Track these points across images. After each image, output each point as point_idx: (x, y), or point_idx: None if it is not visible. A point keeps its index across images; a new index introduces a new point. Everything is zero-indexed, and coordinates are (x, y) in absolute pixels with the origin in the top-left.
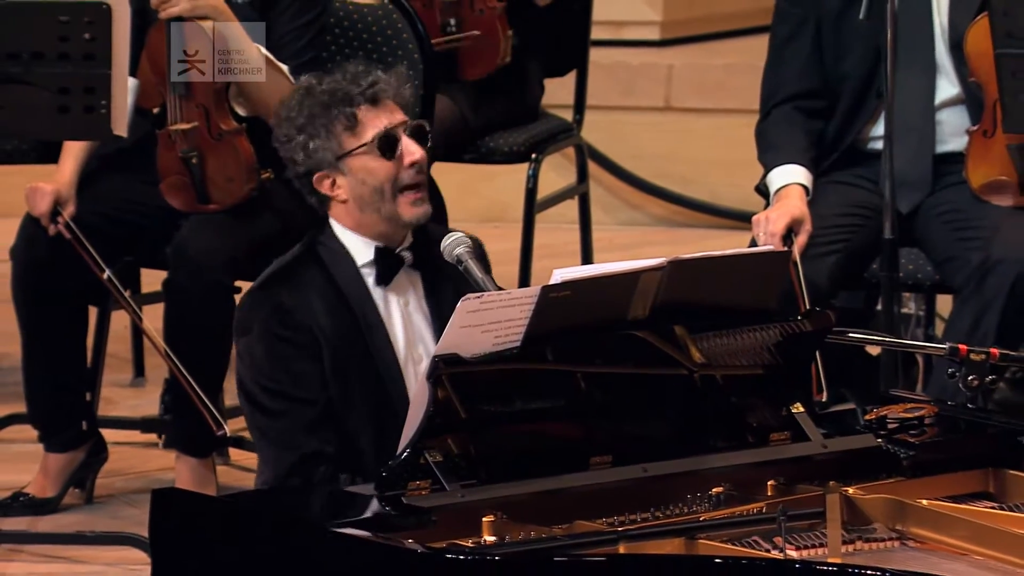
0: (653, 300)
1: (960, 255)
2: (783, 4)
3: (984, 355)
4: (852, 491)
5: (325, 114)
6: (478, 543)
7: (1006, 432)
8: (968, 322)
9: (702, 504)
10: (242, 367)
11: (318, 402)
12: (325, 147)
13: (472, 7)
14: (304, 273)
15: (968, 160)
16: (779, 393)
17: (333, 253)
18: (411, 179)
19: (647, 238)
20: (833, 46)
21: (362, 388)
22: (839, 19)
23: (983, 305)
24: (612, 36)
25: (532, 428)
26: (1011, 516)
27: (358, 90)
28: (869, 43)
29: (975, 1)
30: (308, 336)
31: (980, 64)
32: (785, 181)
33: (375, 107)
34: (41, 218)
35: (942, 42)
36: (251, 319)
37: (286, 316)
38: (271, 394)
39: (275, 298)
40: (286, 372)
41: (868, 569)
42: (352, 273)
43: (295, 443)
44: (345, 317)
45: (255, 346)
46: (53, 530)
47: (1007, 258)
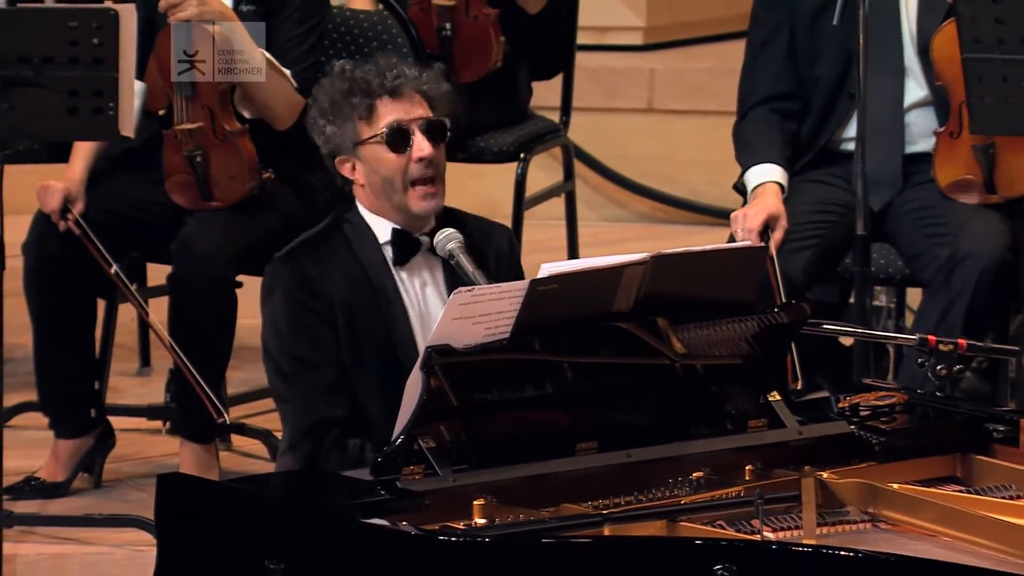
0: (636, 293)
1: (929, 250)
2: (759, 11)
3: (952, 346)
4: (826, 475)
5: (346, 101)
6: (469, 525)
7: (973, 419)
8: (937, 314)
9: (683, 488)
10: (265, 331)
11: (334, 368)
12: (343, 133)
13: (467, 13)
14: (329, 245)
15: (935, 160)
16: (756, 382)
17: (357, 229)
18: (419, 173)
19: (630, 234)
20: (807, 51)
21: (375, 357)
22: (812, 25)
23: (951, 298)
24: (597, 41)
25: (521, 416)
26: (977, 499)
27: (379, 81)
28: (841, 48)
29: (942, 8)
30: (328, 305)
31: (946, 68)
32: (762, 179)
33: (394, 99)
34: (52, 215)
35: (911, 46)
36: (276, 285)
37: (309, 284)
38: (290, 358)
39: (299, 267)
40: (306, 338)
41: (841, 550)
42: (373, 249)
43: (311, 406)
44: (364, 290)
45: (278, 311)
46: (63, 513)
47: (973, 253)
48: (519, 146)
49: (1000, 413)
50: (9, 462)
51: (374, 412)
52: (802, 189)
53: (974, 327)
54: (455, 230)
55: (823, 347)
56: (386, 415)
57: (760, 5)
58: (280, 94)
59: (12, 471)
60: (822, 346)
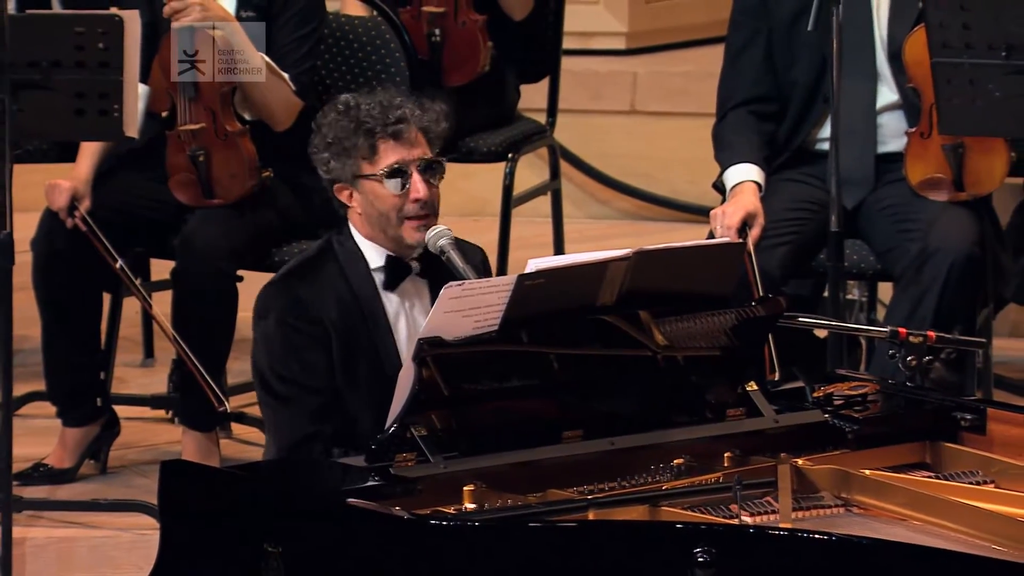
0: (620, 287)
1: (899, 246)
2: (738, 16)
3: (922, 338)
4: (801, 462)
5: (350, 138)
6: (459, 510)
7: (941, 408)
8: (907, 307)
9: (664, 474)
10: (257, 352)
11: (323, 391)
12: (345, 166)
13: (455, 20)
14: (321, 269)
15: (907, 159)
16: (735, 372)
17: (349, 253)
18: (415, 212)
19: (614, 231)
20: (783, 55)
21: (365, 377)
22: (789, 30)
23: (921, 292)
24: (581, 46)
25: (509, 405)
26: (946, 485)
27: (383, 122)
28: (816, 53)
29: (912, 14)
30: (320, 328)
31: (917, 72)
32: (740, 179)
33: (395, 141)
34: (59, 212)
35: (882, 52)
36: (270, 308)
37: (302, 308)
38: (281, 380)
39: (293, 291)
40: (297, 360)
41: (816, 533)
42: (364, 273)
43: (298, 426)
44: (355, 313)
45: (271, 334)
46: (70, 498)
47: (943, 248)
48: (507, 146)
49: (967, 402)
50: (18, 449)
51: (364, 427)
52: (778, 188)
53: (943, 319)
54: (447, 227)
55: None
56: (376, 430)
57: (739, 11)
58: (279, 97)
59: (21, 458)
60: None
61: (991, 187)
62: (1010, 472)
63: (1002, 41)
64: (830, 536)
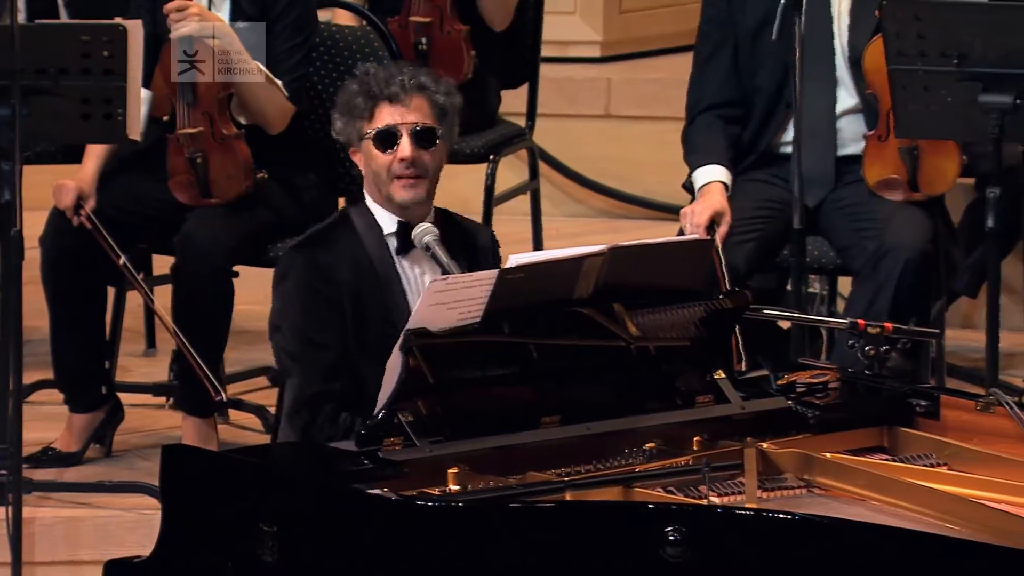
0: (595, 281)
1: (858, 243)
2: (705, 27)
3: (879, 329)
4: (766, 446)
5: (355, 101)
6: (444, 492)
7: (898, 395)
8: (866, 300)
9: (637, 457)
10: (275, 313)
11: (336, 349)
12: (350, 128)
13: (441, 29)
14: (339, 236)
15: (865, 161)
16: (704, 361)
17: (364, 220)
18: (400, 172)
19: (590, 228)
20: (748, 63)
21: (377, 338)
22: (754, 39)
23: (878, 286)
24: (559, 54)
25: (491, 392)
26: (902, 467)
27: (384, 87)
28: (779, 61)
29: (871, 24)
30: (337, 291)
31: (875, 79)
32: (708, 179)
33: (391, 104)
34: (66, 211)
35: (842, 59)
36: (290, 271)
37: (320, 272)
38: (298, 338)
39: (313, 254)
40: (315, 320)
41: (780, 513)
42: (378, 239)
43: (311, 381)
44: (370, 276)
45: (291, 295)
46: (77, 480)
47: (898, 246)
48: (489, 149)
49: (922, 389)
50: (28, 434)
51: (374, 389)
52: (744, 188)
53: (899, 312)
54: (431, 225)
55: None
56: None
57: (706, 22)
58: (272, 102)
59: (30, 442)
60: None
61: (944, 188)
62: (962, 455)
63: (954, 49)
64: (793, 515)
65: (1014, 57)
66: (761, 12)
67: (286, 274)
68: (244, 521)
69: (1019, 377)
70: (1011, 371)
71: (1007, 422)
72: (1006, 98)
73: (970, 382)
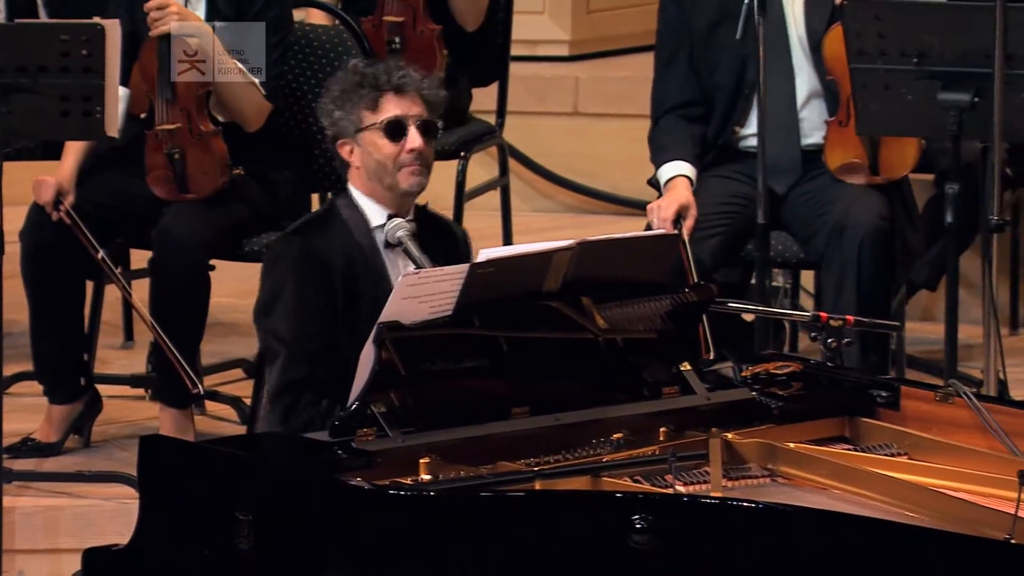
0: (564, 275)
1: (819, 229)
2: (662, 32)
3: (841, 321)
4: (731, 436)
5: (355, 92)
6: (416, 481)
7: (859, 386)
8: (832, 288)
9: (605, 447)
10: (266, 296)
11: (323, 335)
12: (348, 119)
13: (413, 29)
14: (329, 225)
15: (826, 145)
16: (670, 354)
17: (352, 212)
18: (408, 162)
19: (558, 223)
20: (705, 62)
21: (365, 326)
22: (707, 40)
23: (841, 269)
24: (528, 53)
25: (462, 384)
26: (863, 456)
27: (387, 78)
28: (735, 56)
29: (827, 9)
30: (330, 278)
31: (836, 65)
32: (673, 174)
33: (397, 95)
34: (46, 206)
35: (799, 47)
36: (284, 256)
37: (315, 258)
38: (289, 322)
39: (308, 241)
40: (306, 305)
41: (744, 501)
42: (366, 230)
43: (296, 365)
44: (359, 265)
45: (284, 279)
46: (56, 470)
47: (855, 223)
48: (460, 145)
49: (882, 380)
50: (8, 425)
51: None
52: (710, 184)
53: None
54: (403, 220)
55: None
56: None
57: (662, 27)
58: (250, 100)
59: (11, 433)
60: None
61: (903, 171)
62: (922, 444)
63: (914, 48)
64: (757, 504)
65: (972, 56)
66: (712, 11)
67: (280, 258)
68: (220, 510)
69: (977, 369)
70: (969, 363)
71: (965, 412)
72: (964, 96)
73: (929, 373)
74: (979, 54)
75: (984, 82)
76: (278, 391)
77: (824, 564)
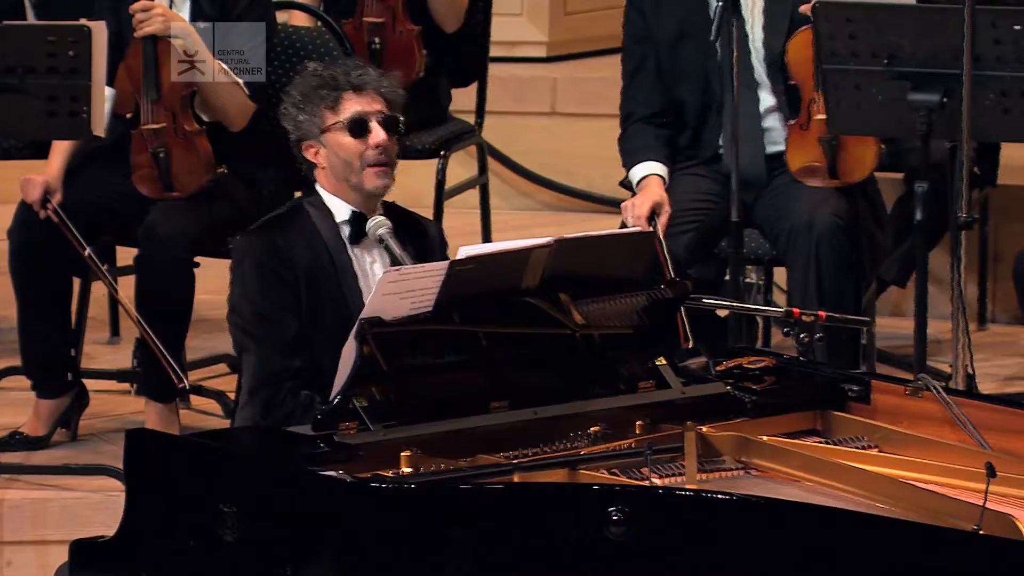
0: (542, 272)
1: (782, 229)
2: (628, 44)
3: (813, 317)
4: (705, 429)
5: (315, 94)
6: (397, 474)
7: (830, 380)
8: (800, 282)
9: (582, 440)
10: (234, 293)
11: (291, 327)
12: (311, 121)
13: (393, 30)
14: (294, 222)
15: (787, 148)
16: (646, 349)
17: (318, 210)
18: (375, 158)
19: (536, 221)
20: (670, 75)
21: (330, 321)
22: (672, 53)
23: (803, 269)
24: (506, 54)
25: (442, 378)
26: (834, 449)
27: (346, 78)
28: (699, 69)
29: (784, 26)
30: (293, 272)
31: (799, 70)
32: (645, 173)
33: (357, 94)
34: (33, 204)
35: (758, 62)
36: (247, 254)
37: (277, 253)
38: (257, 316)
39: (269, 238)
40: (272, 298)
41: (718, 493)
42: (332, 227)
43: (272, 358)
44: (324, 261)
45: (248, 275)
46: (44, 463)
47: (812, 224)
48: (440, 144)
49: (854, 375)
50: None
51: (328, 368)
52: (683, 181)
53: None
54: (384, 217)
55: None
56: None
57: (628, 39)
58: (234, 100)
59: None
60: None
61: (862, 175)
62: (891, 437)
63: (884, 50)
64: (731, 496)
65: (941, 57)
66: (675, 26)
67: (243, 256)
68: (205, 502)
69: (946, 363)
70: (938, 357)
71: (934, 406)
72: (933, 96)
73: (899, 368)
74: (948, 55)
75: (952, 83)
76: (256, 385)
77: (796, 554)
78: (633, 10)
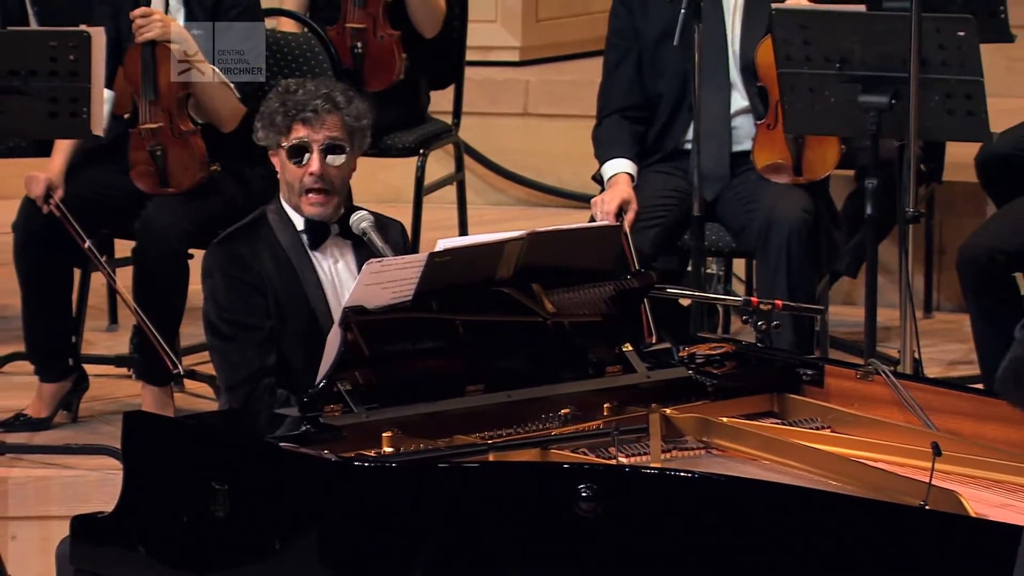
0: (516, 263)
1: (749, 224)
2: (612, 38)
3: (770, 305)
4: (669, 411)
5: (276, 114)
6: (379, 453)
7: (787, 365)
8: (767, 278)
9: (553, 422)
10: (206, 304)
11: (264, 328)
12: (270, 138)
13: (374, 35)
14: (257, 232)
15: (755, 146)
16: (613, 335)
17: (279, 218)
18: (310, 184)
19: (510, 215)
20: (651, 71)
21: (297, 322)
22: (655, 49)
23: (774, 262)
24: (482, 58)
25: (421, 363)
26: (790, 430)
27: (299, 108)
28: (679, 69)
29: (760, 32)
30: (258, 278)
31: (767, 72)
32: (615, 171)
33: (305, 124)
34: (36, 200)
35: (734, 65)
36: (214, 264)
37: (241, 261)
38: (227, 322)
39: (234, 248)
40: (240, 304)
41: (681, 471)
42: (293, 234)
43: (245, 360)
44: (287, 267)
45: (217, 285)
46: (46, 443)
47: (782, 219)
48: (419, 143)
49: (808, 360)
50: (1, 402)
51: (296, 366)
52: (649, 179)
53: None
54: (367, 212)
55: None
56: (306, 368)
57: (612, 33)
58: (226, 102)
59: (3, 409)
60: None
61: (824, 172)
62: (843, 419)
63: (836, 54)
64: (694, 474)
65: (890, 61)
66: (661, 24)
67: (211, 269)
68: (197, 480)
69: (894, 349)
70: (887, 343)
71: (884, 389)
72: (882, 98)
73: (851, 353)
74: (896, 60)
75: (901, 85)
76: (235, 383)
77: (755, 529)
78: (621, 5)
